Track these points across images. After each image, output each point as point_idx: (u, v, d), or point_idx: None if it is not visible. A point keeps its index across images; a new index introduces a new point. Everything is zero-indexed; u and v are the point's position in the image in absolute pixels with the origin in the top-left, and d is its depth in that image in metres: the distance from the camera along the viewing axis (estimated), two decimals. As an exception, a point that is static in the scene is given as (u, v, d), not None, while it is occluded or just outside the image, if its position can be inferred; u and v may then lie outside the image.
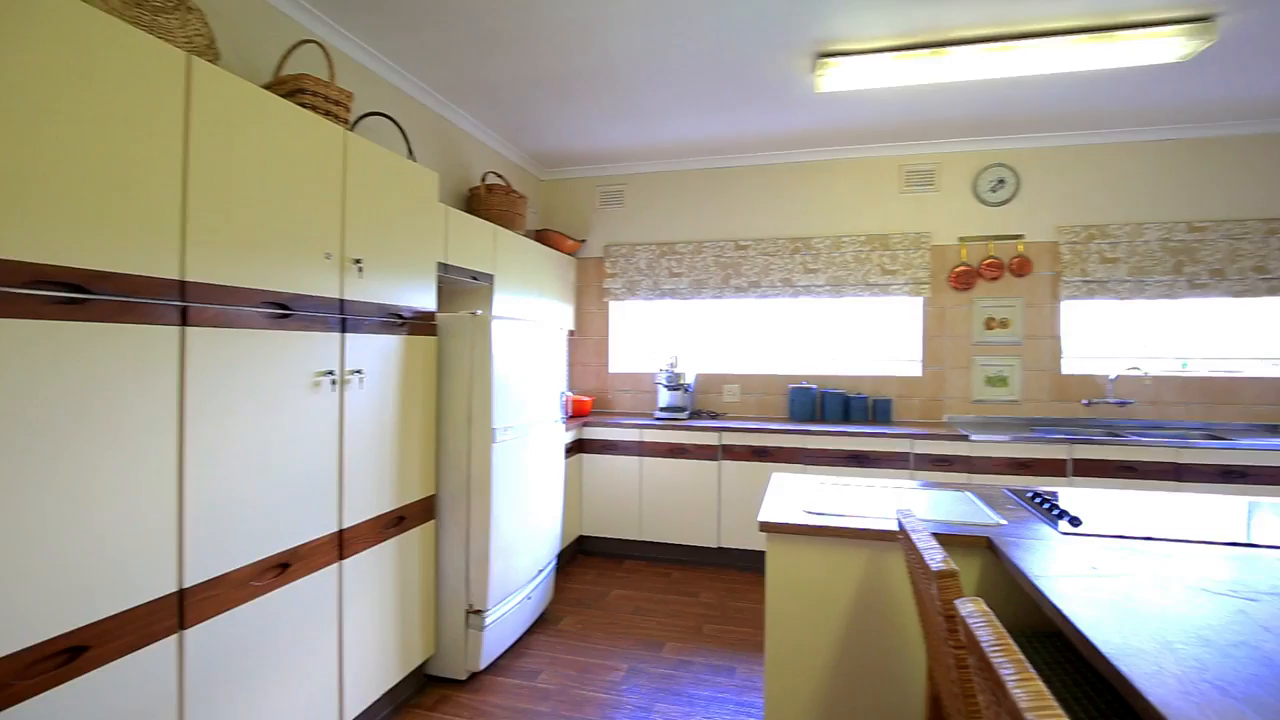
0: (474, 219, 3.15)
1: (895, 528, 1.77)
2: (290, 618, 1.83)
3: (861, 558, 1.82)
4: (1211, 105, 3.43)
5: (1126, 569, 1.45)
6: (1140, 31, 2.61)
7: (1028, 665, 0.85)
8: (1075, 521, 1.80)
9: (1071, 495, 2.17)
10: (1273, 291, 3.63)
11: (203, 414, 1.56)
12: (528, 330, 2.89)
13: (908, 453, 3.52)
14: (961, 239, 4.01)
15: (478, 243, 3.17)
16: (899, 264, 4.05)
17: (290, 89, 2.05)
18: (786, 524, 1.83)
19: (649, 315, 4.62)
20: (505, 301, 3.46)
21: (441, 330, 2.60)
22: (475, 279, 3.18)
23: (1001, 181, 3.96)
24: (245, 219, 1.68)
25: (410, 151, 2.76)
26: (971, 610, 1.03)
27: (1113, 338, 3.91)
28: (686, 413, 4.11)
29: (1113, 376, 3.78)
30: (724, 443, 3.78)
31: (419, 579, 2.44)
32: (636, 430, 3.92)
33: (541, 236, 4.20)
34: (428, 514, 2.50)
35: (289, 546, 1.82)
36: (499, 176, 3.67)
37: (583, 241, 4.53)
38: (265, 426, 1.75)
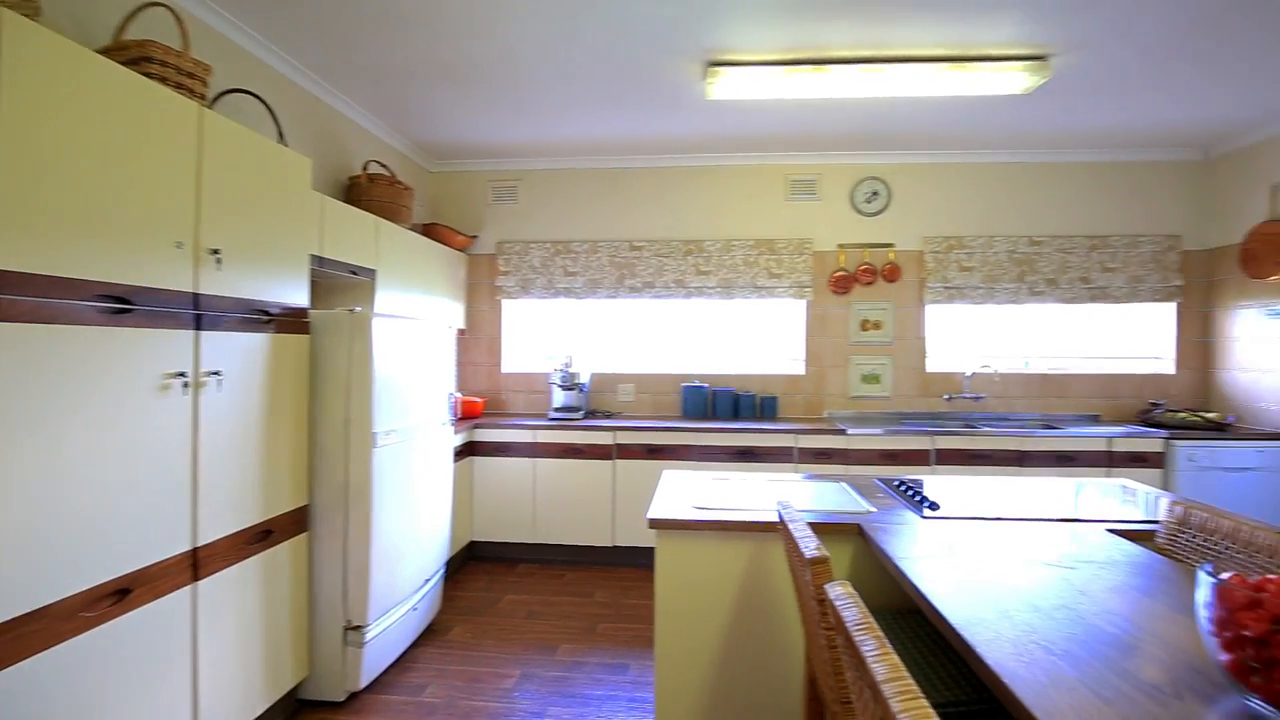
0: (353, 210, 2.97)
1: (777, 519, 1.85)
2: (131, 650, 1.63)
3: (746, 549, 1.89)
4: (1047, 134, 3.88)
5: (976, 547, 1.60)
6: (990, 65, 2.90)
7: (886, 641, 0.91)
8: (934, 506, 1.97)
9: (934, 482, 2.37)
10: (1094, 299, 4.17)
11: (15, 422, 1.35)
12: (413, 328, 2.76)
13: (792, 447, 3.71)
14: (840, 246, 4.28)
15: (358, 235, 2.99)
16: (784, 268, 4.25)
17: (133, 56, 1.83)
18: (675, 520, 1.87)
19: (543, 314, 4.56)
20: (389, 298, 3.29)
21: (316, 328, 2.42)
22: (355, 274, 2.99)
23: (875, 194, 4.26)
24: (74, 201, 1.47)
25: (281, 134, 2.55)
26: (840, 593, 1.09)
27: (969, 339, 4.33)
28: (581, 412, 4.09)
29: (968, 374, 4.18)
30: (618, 441, 3.80)
31: (289, 596, 2.26)
32: (530, 431, 3.85)
33: (430, 231, 4.03)
34: (299, 526, 2.32)
35: (130, 570, 1.62)
36: (382, 166, 3.48)
37: (474, 237, 4.40)
38: (100, 435, 1.54)
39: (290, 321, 2.26)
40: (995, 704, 1.27)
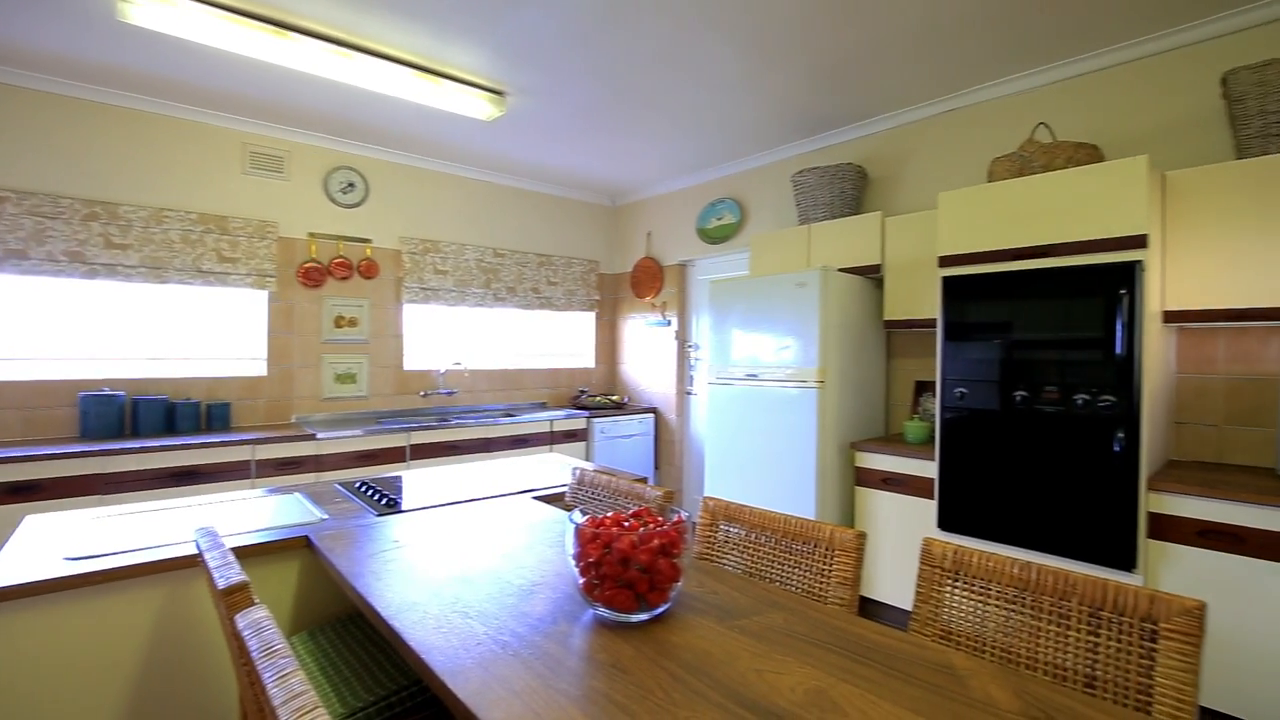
0: None
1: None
2: None
3: (157, 597, 1.50)
4: (510, 161, 4.46)
5: (427, 534, 1.66)
6: (458, 86, 3.12)
7: (295, 663, 0.82)
8: (393, 503, 1.97)
9: (408, 477, 2.40)
10: (542, 307, 5.03)
11: None
12: None
13: (249, 460, 3.20)
14: (311, 235, 3.94)
15: None
16: (241, 252, 3.65)
17: None
18: (26, 585, 1.33)
19: None
20: None
21: None
22: None
23: (352, 185, 4.09)
24: None
25: None
26: (249, 621, 0.95)
27: (443, 338, 4.61)
28: (-128, 443, 2.58)
29: (442, 371, 4.46)
30: (-45, 481, 2.56)
31: None
32: None
33: None
34: None
35: None
36: None
37: None
38: None
39: None
40: (432, 680, 1.33)
